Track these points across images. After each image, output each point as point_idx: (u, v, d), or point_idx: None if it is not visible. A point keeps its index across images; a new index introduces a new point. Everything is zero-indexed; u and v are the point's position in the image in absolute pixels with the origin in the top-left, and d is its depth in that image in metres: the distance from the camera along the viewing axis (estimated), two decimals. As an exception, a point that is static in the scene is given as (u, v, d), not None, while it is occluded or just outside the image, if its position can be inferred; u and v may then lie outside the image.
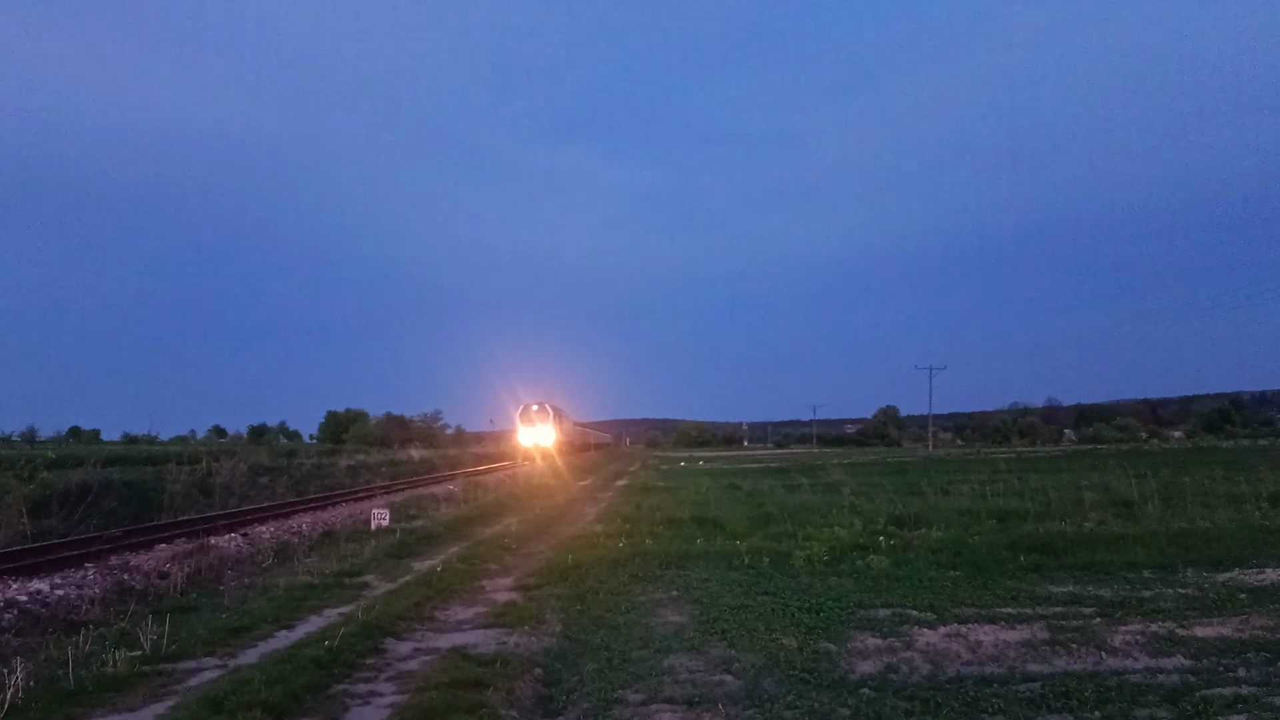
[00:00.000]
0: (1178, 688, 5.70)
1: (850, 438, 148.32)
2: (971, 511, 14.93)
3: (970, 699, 5.50)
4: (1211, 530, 12.46)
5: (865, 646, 6.90)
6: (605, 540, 12.99)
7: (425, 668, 6.43)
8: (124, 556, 11.99)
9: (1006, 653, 6.69)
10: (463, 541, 14.21)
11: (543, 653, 6.85)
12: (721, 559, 10.97)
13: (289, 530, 15.20)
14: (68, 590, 9.75)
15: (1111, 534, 12.22)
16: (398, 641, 7.32)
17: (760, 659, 6.49)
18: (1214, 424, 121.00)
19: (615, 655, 6.65)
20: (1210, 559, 10.69)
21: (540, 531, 15.63)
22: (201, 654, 6.96)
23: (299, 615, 8.45)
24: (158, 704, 5.68)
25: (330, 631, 7.30)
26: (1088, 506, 15.19)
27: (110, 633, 7.67)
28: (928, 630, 7.37)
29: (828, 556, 10.84)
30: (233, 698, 5.45)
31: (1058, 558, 10.93)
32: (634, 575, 10.01)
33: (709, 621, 7.67)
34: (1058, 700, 5.48)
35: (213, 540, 13.51)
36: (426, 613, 8.47)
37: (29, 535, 15.96)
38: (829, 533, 12.57)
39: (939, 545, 11.53)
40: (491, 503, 21.60)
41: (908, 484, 23.34)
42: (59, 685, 6.02)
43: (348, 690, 5.94)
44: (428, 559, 12.20)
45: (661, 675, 6.08)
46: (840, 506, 16.49)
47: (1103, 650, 6.71)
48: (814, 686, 5.83)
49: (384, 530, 14.97)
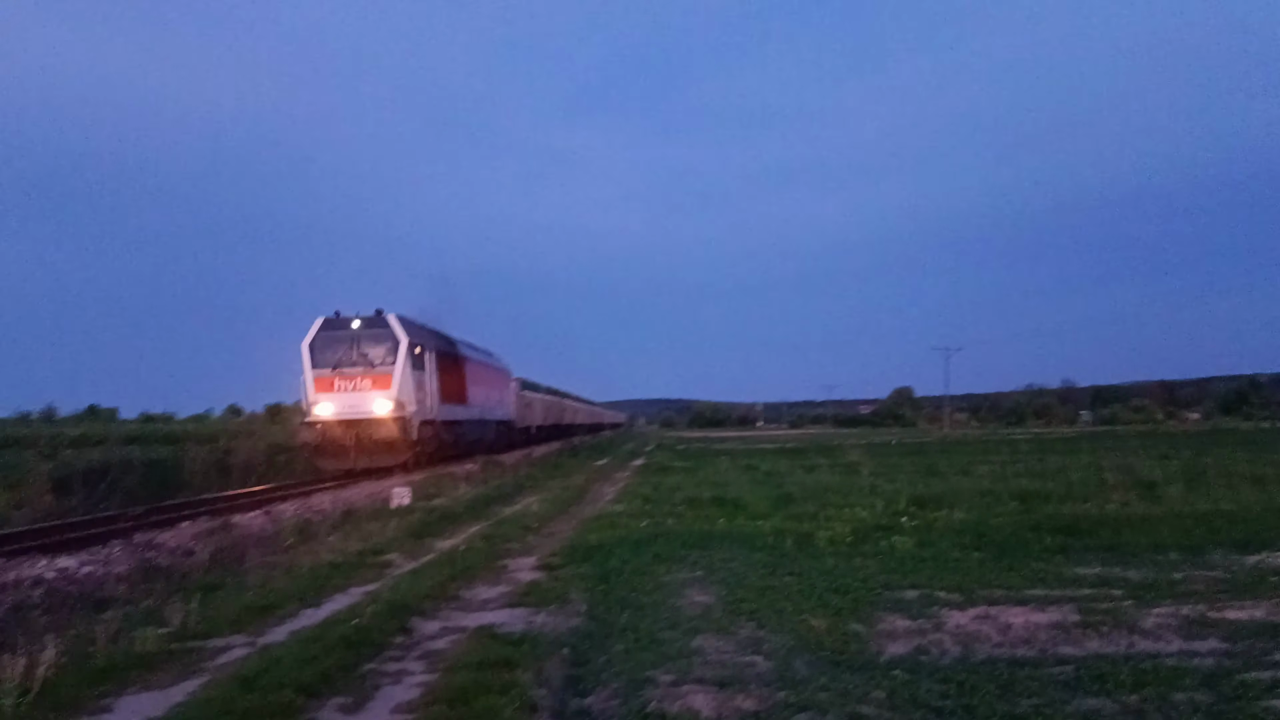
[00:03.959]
0: (1215, 671, 5.62)
1: (865, 418, 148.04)
2: (993, 492, 14.84)
3: (1004, 681, 5.44)
4: (1237, 512, 12.35)
5: (894, 628, 6.85)
6: (626, 520, 12.99)
7: (454, 647, 6.43)
8: (149, 534, 12.05)
9: (1037, 635, 6.62)
10: (483, 521, 14.24)
11: (570, 633, 6.83)
12: (744, 539, 10.94)
13: (310, 509, 15.24)
14: (95, 568, 9.80)
15: (1136, 515, 12.14)
16: (424, 621, 7.32)
17: (789, 640, 6.45)
18: (1231, 405, 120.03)
19: (643, 636, 6.61)
20: (1237, 541, 10.57)
21: (560, 511, 15.64)
22: (230, 632, 6.99)
23: (324, 594, 8.47)
24: (188, 682, 5.69)
25: (357, 610, 7.32)
26: (1110, 488, 15.08)
27: (138, 610, 7.71)
28: (956, 612, 7.31)
29: (851, 537, 10.79)
30: (264, 676, 5.46)
31: (1083, 539, 10.84)
32: (657, 555, 9.98)
33: (736, 602, 7.64)
34: (1093, 683, 5.42)
35: (235, 519, 13.57)
36: (451, 592, 8.48)
37: (53, 513, 16.11)
38: (851, 513, 12.52)
39: (962, 526, 11.47)
40: (510, 482, 21.67)
41: (926, 465, 23.23)
42: (90, 663, 6.05)
43: (377, 669, 5.94)
44: (450, 538, 12.22)
45: (691, 656, 6.05)
46: (860, 487, 16.44)
47: (1135, 633, 6.64)
48: (845, 668, 5.78)
49: (405, 509, 15.01)
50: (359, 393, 21.87)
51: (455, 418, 27.69)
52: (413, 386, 22.54)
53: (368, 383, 21.98)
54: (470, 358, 31.20)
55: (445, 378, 26.20)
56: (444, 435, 26.06)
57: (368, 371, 22.03)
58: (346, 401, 21.80)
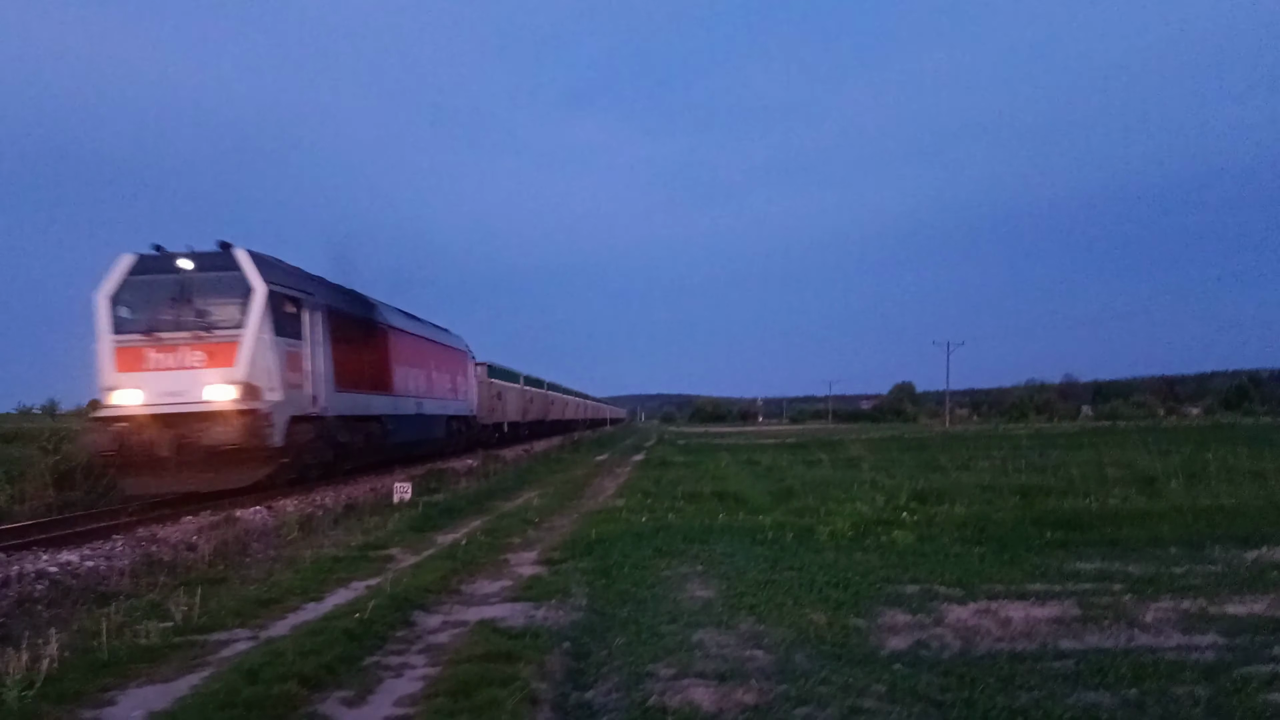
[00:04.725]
0: (1214, 665, 5.64)
1: (866, 413, 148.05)
2: (993, 487, 14.86)
3: (1004, 675, 5.46)
4: (1237, 507, 12.33)
5: (895, 622, 6.87)
6: (627, 514, 13.00)
7: (455, 641, 6.45)
8: (151, 528, 12.11)
9: (1038, 629, 6.64)
10: (484, 515, 14.27)
11: (571, 626, 6.85)
12: (745, 534, 10.96)
13: (312, 503, 15.29)
14: (97, 561, 9.85)
15: (1136, 510, 12.13)
16: (426, 614, 7.34)
17: (790, 634, 6.47)
18: (1232, 401, 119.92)
19: (644, 629, 6.64)
20: (1237, 536, 10.58)
21: (561, 505, 15.67)
22: (232, 625, 7.01)
23: (326, 587, 8.50)
24: (192, 675, 5.71)
25: (359, 604, 7.33)
26: (1111, 483, 15.08)
27: (141, 604, 7.72)
28: (957, 606, 7.34)
29: (851, 532, 10.81)
30: (267, 669, 5.48)
31: (1083, 534, 10.86)
32: (658, 549, 10.00)
33: (736, 596, 7.66)
34: (1093, 677, 5.44)
35: (238, 513, 13.61)
36: (453, 586, 8.50)
37: (55, 507, 16.14)
38: (851, 508, 12.53)
39: (963, 521, 11.48)
40: (511, 476, 21.68)
41: (927, 460, 23.23)
42: (93, 656, 6.06)
43: (380, 662, 5.97)
44: (451, 532, 12.25)
45: (691, 650, 6.07)
46: (861, 482, 16.43)
47: (1135, 627, 6.66)
48: (845, 662, 5.80)
49: (406, 504, 15.04)
50: (185, 371, 14.63)
51: (367, 411, 20.36)
52: (275, 361, 15.40)
53: (199, 355, 14.68)
54: (399, 328, 23.22)
55: (346, 352, 18.84)
56: (341, 437, 18.87)
57: (200, 339, 14.73)
58: (164, 385, 14.53)
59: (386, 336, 22.01)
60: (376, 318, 21.88)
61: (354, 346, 19.59)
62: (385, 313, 22.68)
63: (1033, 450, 26.38)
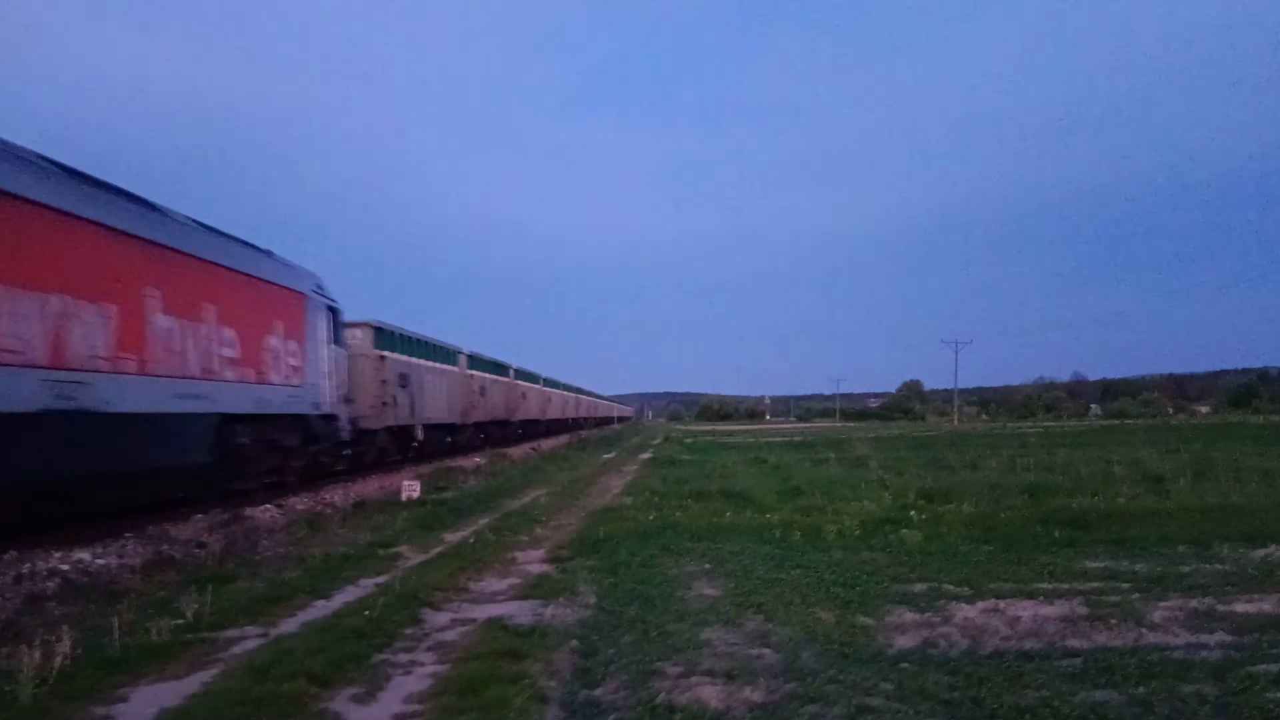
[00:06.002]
0: (1222, 663, 5.64)
1: (873, 412, 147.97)
2: (1001, 486, 14.84)
3: (1012, 674, 5.47)
4: (1245, 506, 12.32)
5: (902, 621, 6.88)
6: (634, 513, 13.03)
7: (464, 638, 6.48)
8: (161, 526, 12.16)
9: (1045, 628, 6.64)
10: (492, 513, 14.30)
11: (579, 624, 6.88)
12: (752, 532, 10.97)
13: (321, 501, 15.38)
14: (109, 559, 9.91)
15: (1144, 509, 12.12)
16: (435, 612, 7.37)
17: (797, 632, 6.48)
18: (1241, 399, 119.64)
19: (651, 628, 6.65)
20: (1245, 535, 10.54)
21: (568, 504, 15.70)
22: (243, 623, 7.04)
23: (335, 585, 8.53)
24: (203, 672, 5.75)
25: (368, 602, 7.38)
26: (1119, 481, 15.06)
27: (151, 601, 7.77)
28: (964, 605, 7.33)
29: (859, 530, 10.82)
30: (277, 666, 5.52)
31: (1090, 533, 10.83)
32: (665, 548, 10.02)
33: (743, 595, 7.67)
34: (1100, 675, 5.44)
35: (247, 511, 13.68)
36: (461, 584, 8.53)
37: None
38: (858, 506, 12.55)
39: (970, 520, 11.47)
40: (518, 475, 21.74)
41: (934, 458, 23.21)
42: (105, 653, 6.10)
43: (389, 660, 5.99)
44: (459, 531, 12.29)
45: (699, 648, 6.08)
46: (868, 480, 16.44)
47: (1143, 626, 6.65)
48: (853, 660, 5.81)
49: (414, 502, 15.10)
50: None
51: None
52: None
53: None
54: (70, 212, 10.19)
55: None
56: None
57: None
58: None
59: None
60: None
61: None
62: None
63: (1040, 449, 26.35)
